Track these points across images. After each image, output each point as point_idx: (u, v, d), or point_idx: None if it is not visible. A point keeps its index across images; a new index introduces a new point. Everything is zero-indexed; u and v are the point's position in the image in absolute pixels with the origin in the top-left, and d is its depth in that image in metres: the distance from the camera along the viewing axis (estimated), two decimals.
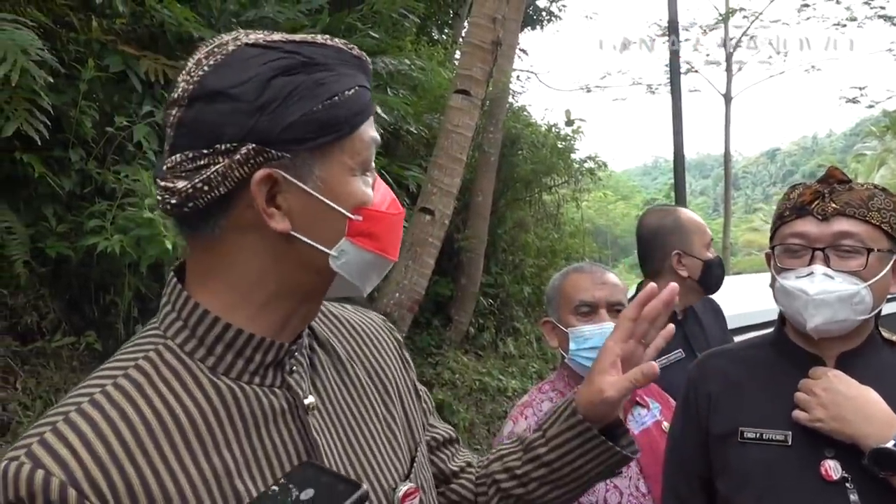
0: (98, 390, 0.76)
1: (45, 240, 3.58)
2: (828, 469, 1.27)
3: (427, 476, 1.01)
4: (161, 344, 0.81)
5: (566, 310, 1.83)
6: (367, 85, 0.85)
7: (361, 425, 0.92)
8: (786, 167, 69.04)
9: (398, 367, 1.05)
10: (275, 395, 0.83)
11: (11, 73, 3.03)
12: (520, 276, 8.23)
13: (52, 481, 0.68)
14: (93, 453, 0.70)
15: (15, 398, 3.36)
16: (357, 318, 1.05)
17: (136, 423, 0.74)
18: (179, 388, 0.78)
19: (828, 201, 1.32)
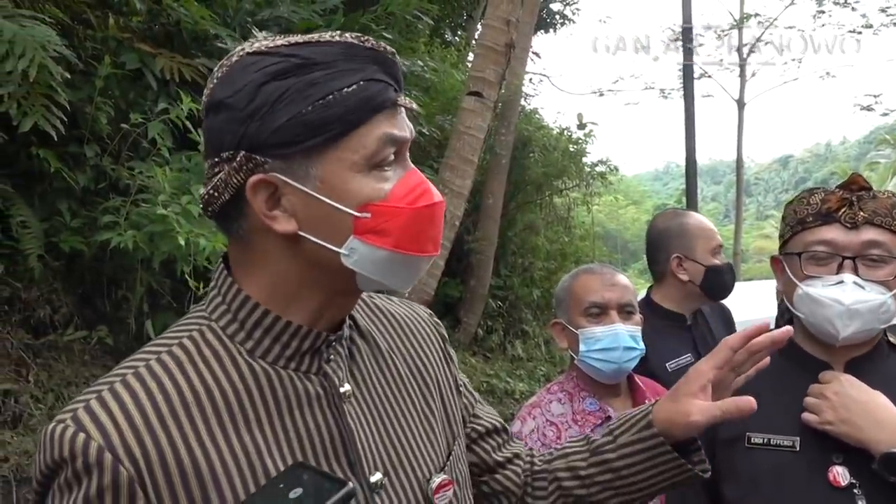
0: (142, 364, 0.80)
1: (59, 234, 3.61)
2: (836, 475, 1.27)
3: (463, 470, 1.02)
4: (205, 325, 0.85)
5: (576, 311, 1.83)
6: (384, 77, 0.83)
7: (399, 416, 0.94)
8: (798, 174, 68.64)
9: (440, 362, 1.06)
10: (310, 380, 0.86)
11: (29, 68, 3.06)
12: (529, 278, 8.23)
13: (91, 444, 0.73)
14: (130, 421, 0.75)
15: (27, 391, 3.39)
16: (402, 312, 1.07)
17: (173, 396, 0.78)
18: (217, 367, 0.82)
19: (856, 209, 1.31)
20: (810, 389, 1.33)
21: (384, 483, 0.88)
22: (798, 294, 1.35)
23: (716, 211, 54.82)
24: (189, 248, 3.45)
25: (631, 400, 1.86)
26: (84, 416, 0.75)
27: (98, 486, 0.73)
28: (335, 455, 0.85)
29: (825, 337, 1.33)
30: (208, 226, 3.64)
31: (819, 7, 20.49)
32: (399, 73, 0.86)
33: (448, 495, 0.94)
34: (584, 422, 1.77)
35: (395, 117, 0.84)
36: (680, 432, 1.02)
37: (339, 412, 0.87)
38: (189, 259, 3.52)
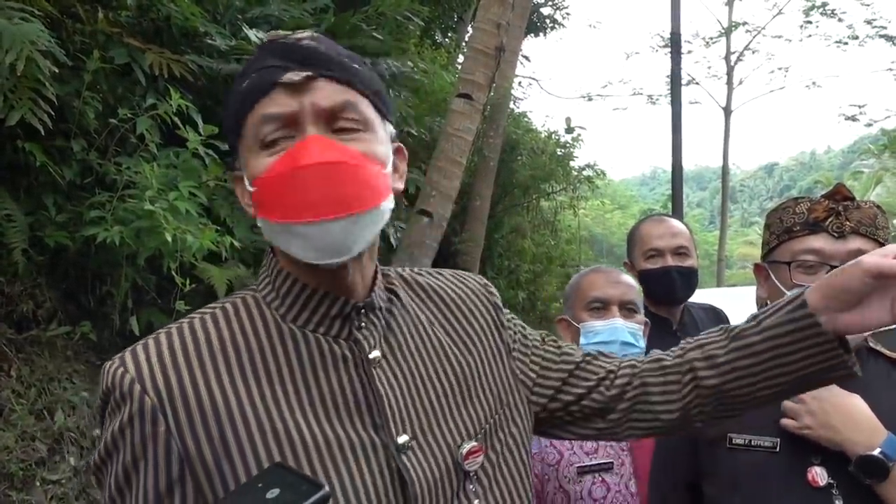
0: (188, 320, 0.92)
1: (44, 229, 3.58)
2: (814, 475, 1.29)
3: (503, 439, 1.02)
4: (251, 294, 0.96)
5: (579, 306, 1.86)
6: (276, 62, 0.88)
7: (434, 384, 0.98)
8: (783, 182, 69.19)
9: (489, 331, 1.08)
10: (339, 344, 0.93)
11: (17, 62, 3.04)
12: (515, 281, 8.26)
13: (126, 377, 0.85)
14: (160, 360, 0.86)
15: (8, 386, 3.37)
16: (448, 286, 1.10)
17: (203, 345, 0.89)
18: (249, 326, 0.92)
19: (843, 219, 1.33)
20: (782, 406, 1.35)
21: (412, 445, 0.92)
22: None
23: (701, 217, 55.15)
24: (176, 244, 3.43)
25: None
26: (128, 355, 0.87)
27: (129, 413, 0.84)
28: (359, 415, 0.90)
29: None
30: (196, 222, 3.63)
31: (806, 17, 20.72)
32: (298, 51, 0.89)
33: (478, 461, 0.96)
34: None
35: (281, 96, 0.88)
36: (840, 298, 0.94)
37: (368, 375, 0.92)
38: (176, 255, 3.51)
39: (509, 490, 1.00)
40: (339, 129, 0.89)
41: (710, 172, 69.58)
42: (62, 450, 3.39)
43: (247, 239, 4.18)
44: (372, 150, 0.90)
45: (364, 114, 0.91)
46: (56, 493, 3.25)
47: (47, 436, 3.36)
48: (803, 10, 20.69)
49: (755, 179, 74.64)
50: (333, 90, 0.89)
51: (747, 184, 73.06)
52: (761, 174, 75.72)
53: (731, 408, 1.05)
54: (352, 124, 0.89)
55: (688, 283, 2.35)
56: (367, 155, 0.89)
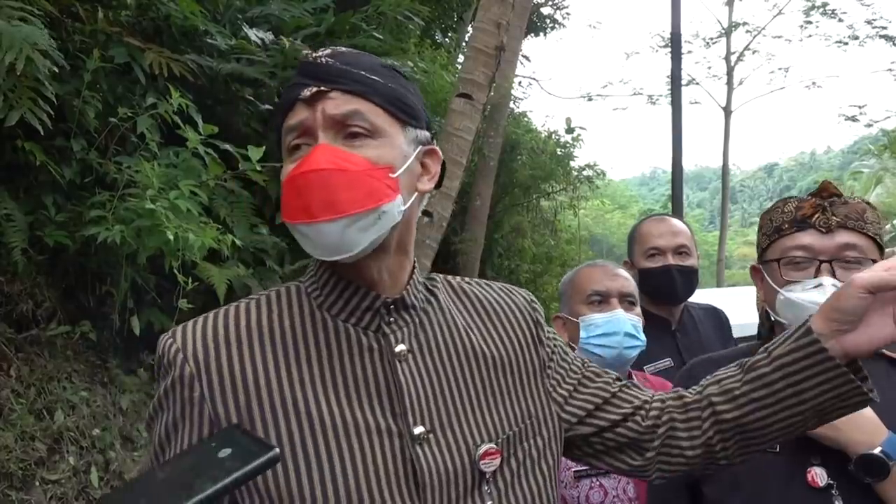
0: (235, 305, 1.02)
1: (43, 228, 3.58)
2: (814, 476, 1.29)
3: (526, 450, 1.04)
4: (295, 285, 1.05)
5: (577, 300, 1.84)
6: (299, 79, 0.99)
7: (460, 383, 1.03)
8: (783, 182, 69.13)
9: (526, 344, 1.11)
10: (367, 335, 1.00)
11: (17, 61, 3.03)
12: (515, 281, 8.25)
13: (172, 347, 0.97)
14: (203, 335, 0.97)
15: (8, 385, 3.36)
16: (492, 297, 1.15)
17: (242, 326, 0.98)
18: (286, 312, 1.00)
19: (829, 214, 1.35)
20: None
21: (428, 437, 0.97)
22: (780, 300, 1.38)
23: (701, 217, 55.15)
24: (178, 242, 3.43)
25: None
26: (179, 329, 0.99)
27: (173, 378, 0.96)
28: (380, 402, 0.97)
29: None
30: (197, 221, 3.63)
31: (806, 17, 20.72)
32: (314, 69, 0.98)
33: (494, 464, 0.99)
34: None
35: (300, 110, 0.98)
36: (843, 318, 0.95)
37: (392, 366, 0.99)
38: (177, 254, 3.50)
39: (526, 500, 1.02)
40: (350, 136, 0.96)
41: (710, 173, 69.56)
42: (62, 449, 3.39)
43: (247, 239, 4.18)
44: (378, 155, 0.96)
45: (373, 121, 0.97)
46: (55, 493, 3.25)
47: (47, 435, 3.36)
48: (803, 10, 20.69)
49: (755, 180, 74.60)
50: (343, 100, 0.96)
51: (747, 184, 73.03)
52: (761, 174, 75.68)
53: (755, 441, 1.07)
54: (361, 131, 0.96)
55: (688, 283, 2.33)
56: (371, 160, 0.95)
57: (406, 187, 0.99)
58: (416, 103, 1.05)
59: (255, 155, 3.85)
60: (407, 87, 1.04)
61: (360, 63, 1.00)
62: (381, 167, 0.95)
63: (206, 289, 3.81)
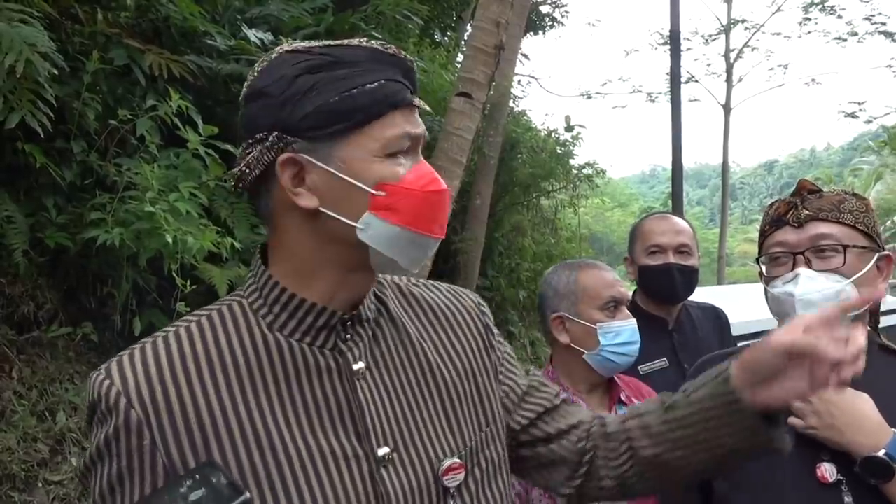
0: (173, 329, 0.93)
1: (44, 230, 3.58)
2: (824, 471, 1.30)
3: (491, 455, 1.04)
4: (237, 301, 0.97)
5: (590, 305, 1.81)
6: (401, 79, 0.93)
7: (418, 398, 1.00)
8: (783, 179, 69.09)
9: (478, 350, 1.10)
10: (323, 355, 0.94)
11: (16, 63, 3.04)
12: (516, 279, 8.26)
13: (112, 389, 0.86)
14: (146, 373, 0.87)
15: (10, 387, 3.37)
16: (441, 300, 1.12)
17: (188, 356, 0.89)
18: (234, 336, 0.92)
19: (801, 209, 1.40)
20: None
21: (392, 457, 0.93)
22: (767, 297, 1.44)
23: (701, 215, 55.14)
24: (177, 245, 3.43)
25: (608, 397, 1.87)
26: (114, 366, 0.88)
27: (115, 426, 0.85)
28: (343, 425, 0.92)
29: None
30: (196, 223, 3.63)
31: (805, 14, 20.71)
32: (415, 79, 0.96)
33: (458, 478, 0.97)
34: None
35: (411, 115, 0.94)
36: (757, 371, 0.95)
37: (351, 386, 0.94)
38: (176, 257, 3.51)
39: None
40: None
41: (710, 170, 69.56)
42: (64, 451, 3.39)
43: (247, 240, 4.18)
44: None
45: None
46: (58, 494, 3.25)
47: (49, 437, 3.37)
48: (802, 6, 20.69)
49: (755, 177, 74.60)
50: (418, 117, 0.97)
51: (747, 181, 73.02)
52: (761, 171, 75.69)
53: (672, 478, 1.08)
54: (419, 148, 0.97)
55: (688, 282, 2.31)
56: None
57: None
58: None
59: None
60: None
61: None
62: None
63: (206, 289, 3.81)
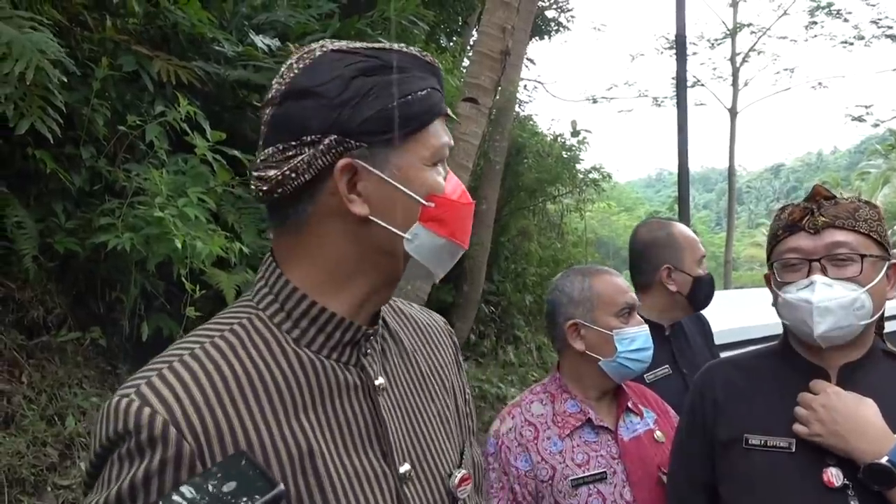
0: (197, 346, 0.85)
1: (53, 235, 3.61)
2: (830, 476, 1.30)
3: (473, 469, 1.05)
4: (254, 314, 0.90)
5: (605, 311, 1.81)
6: (439, 88, 0.93)
7: (422, 412, 0.99)
8: (790, 183, 68.87)
9: (453, 366, 1.11)
10: (349, 371, 0.92)
11: (27, 70, 3.06)
12: (522, 284, 8.26)
13: (156, 419, 0.77)
14: (191, 398, 0.80)
15: (20, 391, 3.39)
16: (423, 317, 1.12)
17: (229, 378, 0.83)
18: (267, 354, 0.87)
19: (817, 215, 1.39)
20: (800, 399, 1.37)
21: (412, 475, 0.93)
22: (779, 302, 1.43)
23: (707, 219, 55.00)
24: (185, 250, 3.45)
25: (615, 404, 1.86)
26: (148, 391, 0.79)
27: (161, 459, 0.76)
28: (370, 443, 0.90)
29: (806, 338, 1.39)
30: (204, 229, 3.65)
31: (812, 18, 20.68)
32: (441, 82, 0.95)
33: (468, 489, 0.98)
34: (564, 423, 1.77)
35: (442, 126, 0.93)
36: None
37: (374, 403, 0.92)
38: (185, 262, 3.53)
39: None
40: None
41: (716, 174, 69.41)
42: (73, 455, 3.41)
43: (255, 245, 4.20)
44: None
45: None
46: (67, 498, 3.27)
47: (58, 441, 3.38)
48: (808, 10, 20.66)
49: (761, 180, 74.32)
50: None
51: (754, 185, 72.76)
52: (768, 175, 75.38)
53: None
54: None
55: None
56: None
57: None
58: None
59: None
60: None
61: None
62: None
63: (214, 294, 3.83)
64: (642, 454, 1.75)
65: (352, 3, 6.15)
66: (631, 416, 1.84)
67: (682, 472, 1.56)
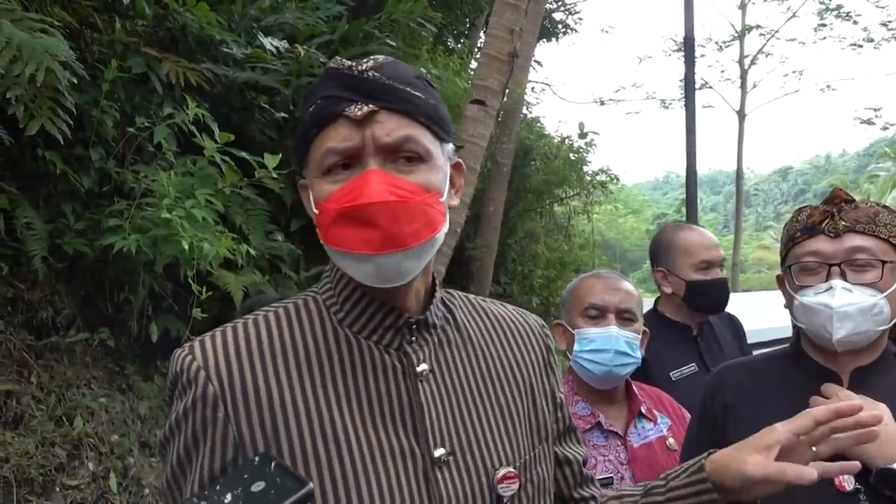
0: (253, 317, 0.98)
1: (63, 236, 3.62)
2: (842, 480, 1.30)
3: (542, 474, 1.05)
4: (311, 297, 1.02)
5: (576, 311, 1.84)
6: (339, 92, 0.92)
7: (479, 404, 1.01)
8: (798, 186, 68.59)
9: (539, 369, 1.11)
10: (389, 354, 0.97)
11: (37, 72, 3.08)
12: (529, 286, 8.25)
13: (193, 364, 0.92)
14: (225, 352, 0.93)
15: (28, 392, 3.40)
16: (511, 317, 1.14)
17: (264, 342, 0.95)
18: (308, 328, 0.98)
19: (837, 219, 1.38)
20: (811, 403, 1.36)
21: (448, 460, 0.95)
22: (795, 305, 1.42)
23: (715, 221, 54.82)
24: (193, 252, 3.46)
25: (627, 409, 1.85)
26: (196, 345, 0.94)
27: (193, 397, 0.91)
28: (402, 423, 0.95)
29: (823, 342, 1.38)
30: (212, 230, 3.66)
31: (820, 20, 20.60)
32: (360, 84, 0.92)
33: (513, 488, 0.98)
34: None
35: (344, 129, 0.91)
36: (732, 482, 1.03)
37: (413, 387, 0.97)
38: (192, 263, 3.53)
39: None
40: (402, 160, 0.92)
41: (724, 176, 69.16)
42: (81, 455, 3.42)
43: (262, 246, 4.21)
44: (429, 180, 0.93)
45: (423, 145, 0.93)
46: (75, 499, 3.28)
47: (66, 441, 3.39)
48: (817, 12, 20.59)
49: (769, 183, 74.06)
50: (395, 124, 0.91)
51: (762, 187, 72.53)
52: (776, 178, 75.10)
53: None
54: (413, 156, 0.92)
55: (728, 294, 2.40)
56: (424, 187, 0.92)
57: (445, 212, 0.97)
58: (447, 115, 1.00)
59: (271, 163, 3.88)
60: (438, 98, 1.00)
61: (402, 77, 0.95)
62: (433, 193, 0.93)
63: (222, 296, 3.84)
64: (652, 461, 1.73)
65: (360, 6, 6.16)
66: (643, 421, 1.82)
67: None
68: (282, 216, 4.66)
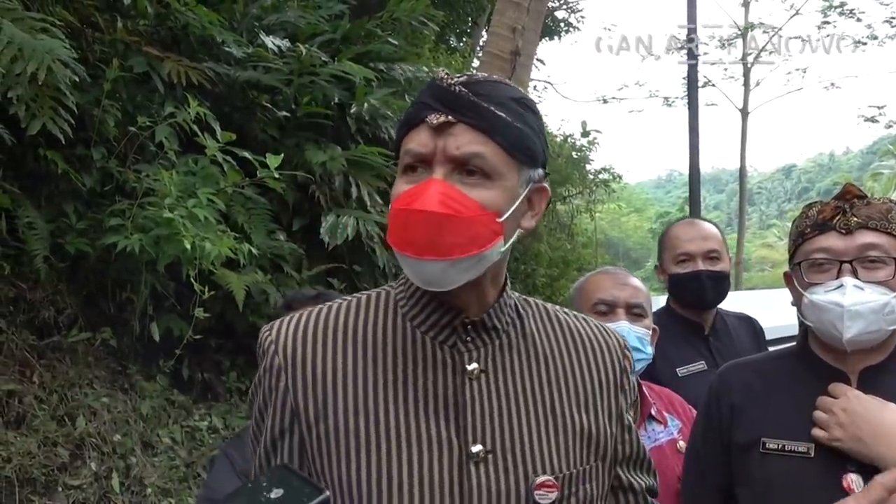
0: (336, 304, 1.08)
1: (64, 236, 3.62)
2: (850, 482, 1.28)
3: (590, 493, 1.04)
4: (386, 291, 1.10)
5: (584, 307, 1.81)
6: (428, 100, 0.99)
7: (530, 410, 1.04)
8: (801, 184, 68.37)
9: (608, 387, 1.11)
10: (442, 350, 1.03)
11: (38, 71, 3.08)
12: (531, 285, 8.23)
13: (268, 339, 1.05)
14: (296, 331, 1.04)
15: (31, 391, 3.40)
16: (587, 331, 1.14)
17: (330, 325, 1.05)
18: (373, 318, 1.06)
19: (849, 215, 1.35)
20: (819, 403, 1.34)
21: (486, 457, 0.98)
22: (804, 303, 1.38)
23: (718, 220, 54.59)
24: (195, 251, 3.46)
25: (637, 412, 1.82)
26: (277, 322, 1.07)
27: (265, 367, 1.04)
28: (445, 416, 1.00)
29: (832, 341, 1.35)
30: (214, 230, 3.65)
31: (824, 17, 20.52)
32: (446, 95, 0.98)
33: (550, 496, 0.99)
34: None
35: (423, 134, 0.98)
36: None
37: (461, 383, 1.01)
38: (194, 262, 3.53)
39: None
40: (467, 173, 0.96)
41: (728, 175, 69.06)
42: (83, 455, 3.42)
43: (264, 245, 4.20)
44: (490, 198, 0.96)
45: (492, 164, 0.97)
46: (77, 499, 3.28)
47: (69, 441, 3.39)
48: (821, 10, 20.51)
49: (773, 181, 73.87)
50: (468, 139, 0.96)
51: (765, 186, 72.33)
52: (779, 176, 74.90)
53: None
54: (478, 171, 0.96)
55: (718, 288, 2.31)
56: (482, 204, 0.96)
57: (510, 228, 1.00)
58: (539, 144, 1.03)
59: (273, 162, 3.87)
60: (533, 124, 1.02)
61: (492, 96, 0.98)
62: (491, 212, 0.96)
63: (224, 295, 3.84)
64: (662, 464, 1.70)
65: (361, 4, 6.16)
66: (653, 423, 1.80)
67: (697, 475, 1.53)
68: (283, 215, 4.65)
